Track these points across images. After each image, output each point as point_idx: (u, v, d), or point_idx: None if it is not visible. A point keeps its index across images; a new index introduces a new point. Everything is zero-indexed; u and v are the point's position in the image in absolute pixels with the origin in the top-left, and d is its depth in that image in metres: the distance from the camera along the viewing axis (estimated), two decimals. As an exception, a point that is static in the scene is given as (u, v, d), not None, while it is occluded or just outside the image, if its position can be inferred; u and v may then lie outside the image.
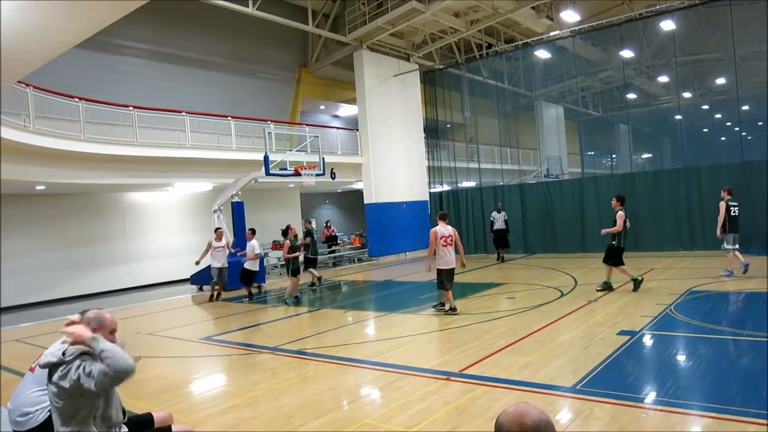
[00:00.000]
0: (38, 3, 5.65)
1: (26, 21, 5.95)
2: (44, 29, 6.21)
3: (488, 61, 24.73)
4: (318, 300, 13.87)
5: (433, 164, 23.66)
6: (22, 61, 7.29)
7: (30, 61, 7.50)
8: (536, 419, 1.67)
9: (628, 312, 8.91)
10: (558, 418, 4.90)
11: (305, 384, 6.47)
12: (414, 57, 23.38)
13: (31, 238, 16.32)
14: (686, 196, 16.99)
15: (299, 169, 15.62)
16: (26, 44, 6.55)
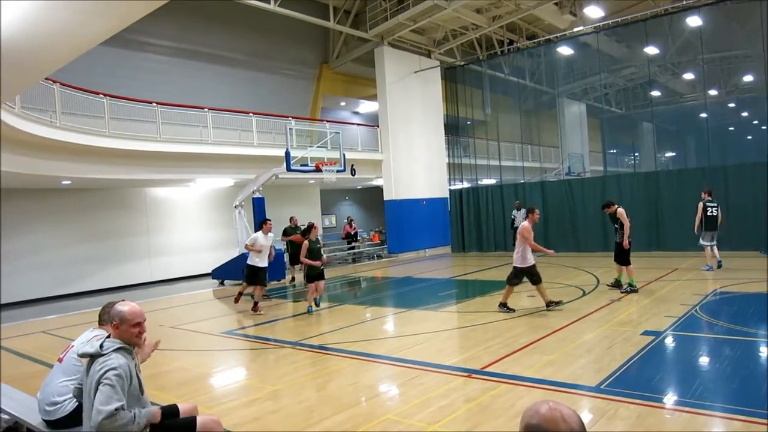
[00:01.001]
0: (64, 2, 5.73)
1: (51, 19, 6.03)
2: (69, 26, 6.29)
3: (510, 57, 24.53)
4: (338, 296, 13.91)
5: (453, 161, 23.57)
6: (48, 59, 7.39)
7: (56, 60, 7.59)
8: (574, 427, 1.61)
9: (652, 312, 8.79)
10: (582, 417, 4.85)
11: (326, 379, 6.50)
12: (435, 53, 23.28)
13: (57, 232, 16.60)
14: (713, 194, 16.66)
15: (320, 165, 15.66)
16: (53, 42, 6.64)
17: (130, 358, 3.40)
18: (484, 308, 10.11)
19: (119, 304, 3.53)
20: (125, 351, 3.37)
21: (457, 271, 16.86)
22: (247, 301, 12.05)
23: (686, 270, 13.33)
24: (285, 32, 21.51)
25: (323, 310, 11.49)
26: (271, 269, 16.03)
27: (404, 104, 21.76)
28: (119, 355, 3.30)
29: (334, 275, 17.46)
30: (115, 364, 3.22)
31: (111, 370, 3.19)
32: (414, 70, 22.19)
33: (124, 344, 3.38)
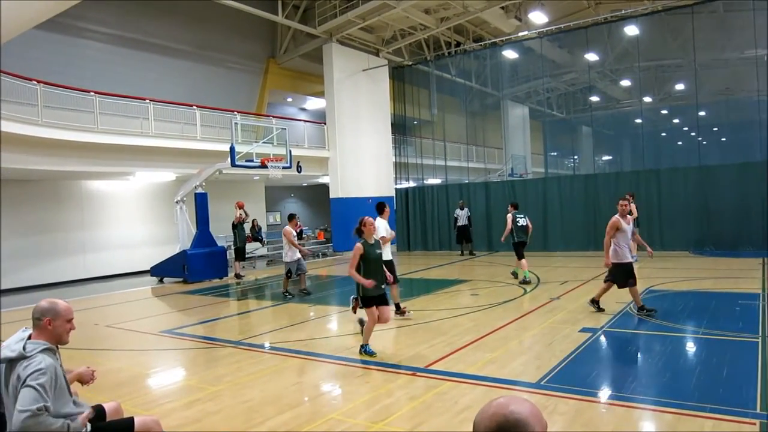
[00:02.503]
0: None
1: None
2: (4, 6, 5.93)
3: (457, 59, 24.88)
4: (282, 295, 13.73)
5: (399, 160, 23.69)
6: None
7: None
8: (514, 421, 1.51)
9: (589, 310, 9.09)
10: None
11: (269, 378, 6.39)
12: (383, 52, 23.33)
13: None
14: (645, 198, 17.41)
15: (265, 162, 15.43)
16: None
17: (56, 358, 3.24)
18: (429, 306, 10.21)
19: (46, 301, 3.36)
20: (50, 351, 3.20)
21: (402, 270, 16.91)
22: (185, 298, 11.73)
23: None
24: (232, 24, 21.05)
25: (266, 309, 11.32)
26: (213, 267, 15.74)
27: (352, 102, 21.71)
28: (45, 356, 3.13)
29: (278, 273, 17.23)
30: (42, 365, 3.06)
31: (37, 371, 3.02)
32: (362, 68, 22.16)
33: (49, 345, 3.22)
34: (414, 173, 23.62)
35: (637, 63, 25.27)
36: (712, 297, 10.11)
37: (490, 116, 29.67)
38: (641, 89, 29.41)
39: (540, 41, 22.28)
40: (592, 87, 31.28)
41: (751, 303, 9.11)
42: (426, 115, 25.29)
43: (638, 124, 30.67)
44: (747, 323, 7.79)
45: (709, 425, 4.52)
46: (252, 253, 19.95)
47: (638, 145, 28.47)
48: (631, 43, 22.47)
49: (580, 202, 18.52)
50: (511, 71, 28.04)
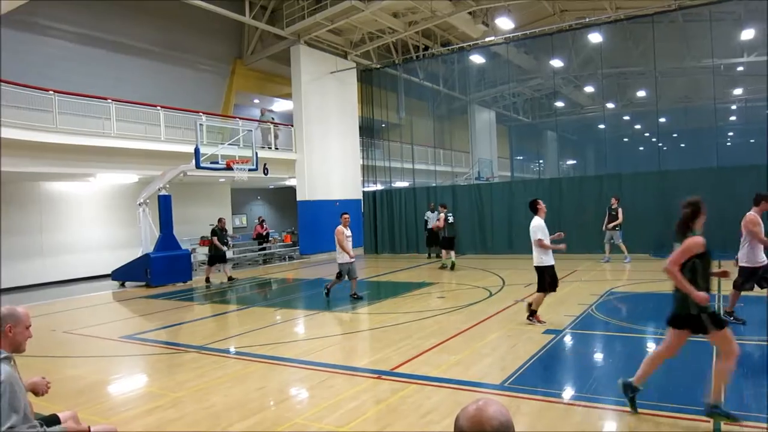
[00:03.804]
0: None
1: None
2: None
3: (425, 62, 25.04)
4: (247, 298, 13.58)
5: (367, 163, 23.68)
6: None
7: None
8: (496, 424, 1.58)
9: (553, 311, 9.22)
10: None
11: (233, 384, 6.29)
12: (351, 55, 23.31)
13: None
14: (608, 201, 17.74)
15: (231, 164, 15.24)
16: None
17: (13, 367, 3.13)
18: (395, 309, 10.21)
19: (5, 307, 3.25)
20: (8, 360, 3.10)
21: (369, 273, 16.93)
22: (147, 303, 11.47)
23: (585, 271, 14.12)
24: (198, 24, 20.74)
25: (231, 313, 11.18)
26: (177, 271, 15.47)
27: (320, 104, 21.62)
28: (5, 366, 3.03)
29: (243, 277, 17.04)
30: (2, 376, 2.95)
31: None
32: (330, 70, 22.11)
33: (7, 353, 3.11)
34: (382, 176, 23.65)
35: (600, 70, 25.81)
36: (670, 298, 10.35)
37: (458, 120, 29.97)
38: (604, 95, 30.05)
39: (506, 47, 22.58)
40: (556, 93, 31.86)
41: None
42: (394, 119, 25.38)
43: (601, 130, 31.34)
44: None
45: (667, 423, 4.63)
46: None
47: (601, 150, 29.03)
48: (595, 50, 22.95)
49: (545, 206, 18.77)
50: (478, 76, 28.38)
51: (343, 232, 11.35)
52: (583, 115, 36.13)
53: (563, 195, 18.53)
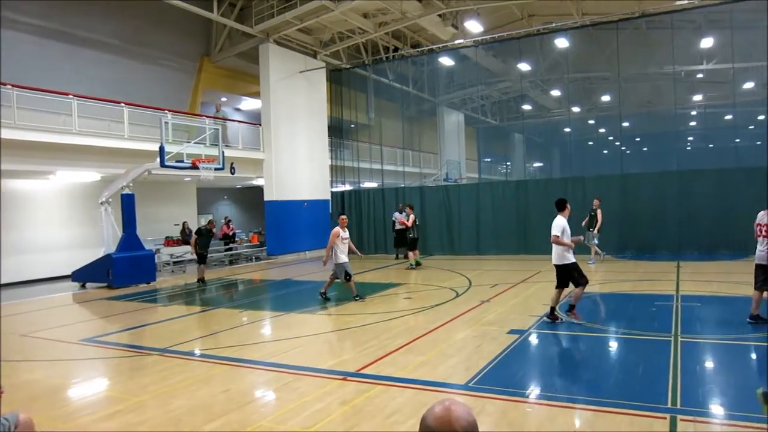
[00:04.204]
0: None
1: None
2: None
3: (394, 64, 25.10)
4: (213, 300, 13.40)
5: (336, 163, 23.62)
6: None
7: None
8: (464, 424, 1.59)
9: (517, 312, 9.36)
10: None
11: (197, 387, 6.20)
12: (321, 55, 23.21)
13: None
14: (573, 203, 17.99)
15: (197, 163, 15.02)
16: None
17: None
18: (362, 311, 10.21)
19: None
20: None
21: (337, 273, 16.89)
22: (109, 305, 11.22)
23: (549, 272, 14.32)
24: (165, 20, 20.36)
25: (196, 315, 11.02)
26: (140, 272, 15.18)
27: (288, 104, 21.46)
28: None
29: (210, 278, 16.81)
30: None
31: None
32: (299, 69, 21.97)
33: None
34: (350, 176, 23.62)
35: (566, 74, 26.32)
36: (632, 298, 10.64)
37: (427, 122, 30.16)
38: (570, 99, 30.64)
39: (475, 50, 22.82)
40: (524, 96, 32.37)
41: (666, 304, 9.63)
42: (363, 119, 25.36)
43: (567, 133, 31.98)
44: (662, 323, 8.24)
45: (625, 421, 4.74)
46: (182, 257, 19.35)
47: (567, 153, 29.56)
48: (561, 55, 23.35)
49: (511, 208, 19.03)
50: (448, 78, 28.61)
51: (338, 234, 11.23)
52: (549, 118, 36.71)
53: (529, 197, 18.79)
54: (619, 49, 20.13)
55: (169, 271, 18.54)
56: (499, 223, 19.24)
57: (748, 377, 5.93)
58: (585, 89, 33.30)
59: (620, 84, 24.60)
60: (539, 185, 19.46)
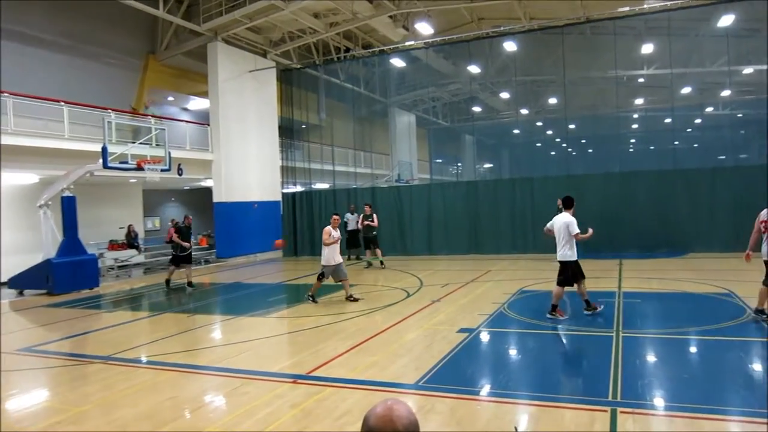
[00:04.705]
0: None
1: None
2: None
3: (346, 64, 25.06)
4: (159, 304, 13.07)
5: (287, 164, 23.37)
6: None
7: None
8: (406, 423, 1.62)
9: (467, 311, 9.50)
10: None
11: (142, 394, 6.03)
12: (271, 54, 22.95)
13: None
14: (521, 204, 18.49)
15: (142, 164, 14.59)
16: None
17: None
18: (313, 312, 10.16)
19: None
20: None
21: (288, 276, 16.77)
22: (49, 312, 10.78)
23: (498, 271, 14.62)
24: (108, 16, 19.70)
25: (142, 320, 10.72)
26: (82, 277, 14.63)
27: (238, 104, 21.12)
28: None
29: (157, 282, 16.38)
30: None
31: None
32: (249, 69, 21.65)
33: None
34: (301, 177, 23.42)
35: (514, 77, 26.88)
36: (577, 296, 10.93)
37: (378, 122, 30.23)
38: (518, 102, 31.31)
39: (426, 51, 23.04)
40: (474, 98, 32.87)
41: (609, 300, 9.96)
42: (314, 120, 25.21)
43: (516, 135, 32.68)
44: (605, 319, 8.52)
45: (568, 415, 4.89)
46: (127, 261, 18.77)
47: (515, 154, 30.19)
48: (510, 58, 23.82)
49: (462, 208, 19.29)
50: (399, 79, 28.77)
51: (330, 233, 11.02)
52: (499, 120, 37.39)
53: (479, 197, 19.10)
54: (565, 54, 20.70)
55: (114, 276, 17.95)
56: (450, 224, 19.47)
57: (685, 370, 6.20)
58: (533, 92, 34.05)
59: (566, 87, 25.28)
60: (489, 186, 19.81)
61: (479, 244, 18.86)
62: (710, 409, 4.87)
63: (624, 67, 25.83)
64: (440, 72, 27.71)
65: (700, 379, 5.84)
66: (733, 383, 5.60)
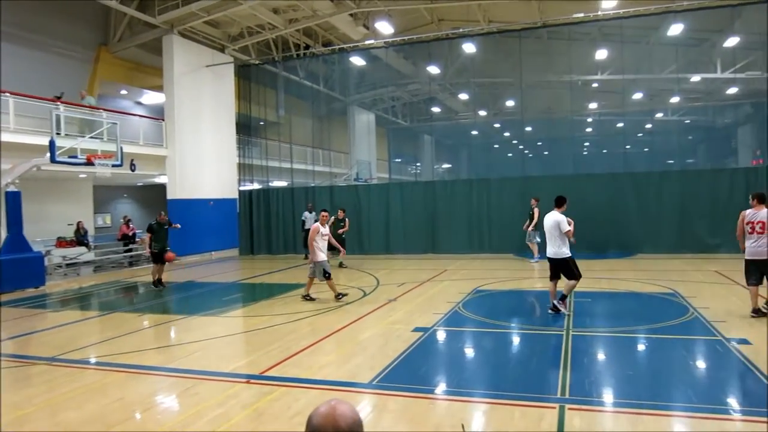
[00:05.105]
0: None
1: None
2: None
3: (305, 61, 24.88)
4: (109, 304, 12.71)
5: (244, 161, 23.04)
6: None
7: None
8: (350, 422, 1.65)
9: (423, 310, 9.57)
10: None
11: (88, 396, 5.86)
12: (229, 49, 22.59)
13: None
14: (477, 204, 18.74)
15: (92, 158, 14.15)
16: None
17: None
18: (269, 312, 10.06)
19: None
20: None
21: (244, 275, 16.55)
22: None
23: (454, 270, 14.79)
24: (56, 4, 19.01)
25: (91, 320, 10.41)
26: (27, 275, 14.11)
27: (194, 99, 20.69)
28: None
29: (107, 280, 15.95)
30: None
31: None
32: (206, 63, 21.25)
33: None
34: (259, 175, 23.13)
35: (473, 79, 27.21)
36: (530, 295, 11.19)
37: (337, 121, 30.11)
38: (477, 103, 31.72)
39: (386, 51, 23.07)
40: (433, 98, 33.10)
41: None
42: (272, 117, 24.93)
43: (474, 136, 33.10)
44: (556, 318, 8.71)
45: (518, 413, 4.99)
46: (76, 259, 18.17)
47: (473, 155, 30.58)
48: (469, 59, 24.11)
49: (420, 208, 19.42)
50: (359, 78, 28.73)
51: (318, 230, 10.74)
52: (457, 121, 37.80)
53: (437, 198, 19.26)
54: (522, 57, 21.08)
55: (62, 275, 17.34)
56: (408, 223, 19.57)
57: (630, 367, 6.40)
58: (491, 94, 34.53)
59: (523, 90, 25.76)
60: (446, 186, 19.99)
61: (436, 243, 19.03)
62: (654, 405, 5.05)
63: (579, 71, 26.47)
64: (400, 72, 27.81)
65: (644, 376, 6.04)
66: (676, 380, 5.81)
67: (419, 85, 30.60)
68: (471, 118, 34.46)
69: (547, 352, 6.99)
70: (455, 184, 20.27)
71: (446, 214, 19.06)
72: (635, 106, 33.05)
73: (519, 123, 27.61)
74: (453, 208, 19.00)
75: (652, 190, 17.15)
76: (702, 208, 16.49)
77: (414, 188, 20.47)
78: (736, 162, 34.83)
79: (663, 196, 16.88)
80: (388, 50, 23.15)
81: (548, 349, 7.12)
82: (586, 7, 18.59)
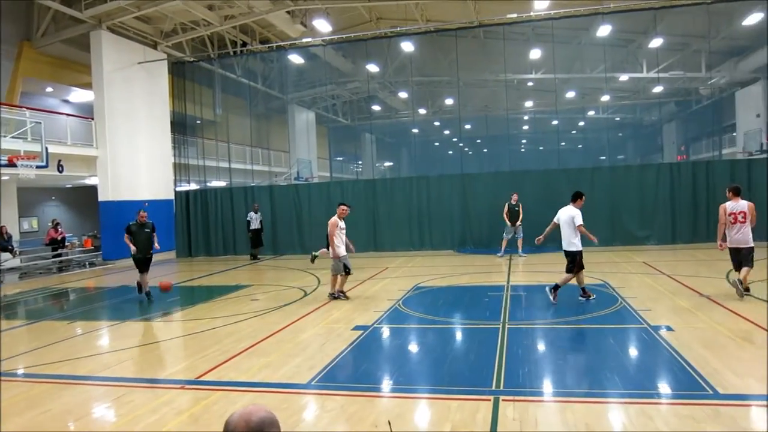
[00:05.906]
0: None
1: None
2: None
3: (242, 59, 24.47)
4: (37, 312, 12.12)
5: (180, 161, 22.40)
6: None
7: None
8: (261, 417, 1.73)
9: (363, 308, 9.61)
10: (291, 414, 5.03)
11: (12, 409, 5.56)
12: (162, 45, 21.90)
13: None
14: (417, 202, 18.95)
15: (14, 159, 13.45)
16: None
17: None
18: (207, 315, 9.85)
19: None
20: None
21: (181, 277, 16.11)
22: None
23: (395, 268, 14.91)
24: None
25: (16, 329, 9.89)
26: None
27: (126, 97, 19.96)
28: None
29: (34, 287, 15.20)
30: None
31: None
32: (138, 60, 20.54)
33: None
34: (196, 175, 22.54)
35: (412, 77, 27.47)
36: (468, 290, 11.42)
37: (276, 119, 29.80)
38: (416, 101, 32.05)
39: (324, 49, 22.96)
40: (373, 96, 33.27)
41: (498, 294, 10.48)
42: (209, 115, 24.40)
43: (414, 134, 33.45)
44: (493, 312, 8.95)
45: (454, 406, 5.08)
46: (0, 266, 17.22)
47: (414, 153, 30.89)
48: (407, 58, 24.32)
49: (361, 206, 19.40)
50: (297, 76, 28.51)
51: (337, 224, 10.40)
52: (398, 119, 38.08)
53: (377, 195, 19.32)
54: (459, 56, 21.43)
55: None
56: (348, 222, 19.47)
57: (562, 357, 6.64)
58: (430, 92, 35.04)
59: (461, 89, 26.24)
60: (387, 184, 20.09)
61: (378, 241, 19.12)
62: (584, 392, 5.27)
63: (514, 71, 27.20)
64: (339, 70, 27.76)
65: (575, 365, 6.29)
66: (605, 367, 6.06)
67: (359, 84, 30.65)
68: (411, 116, 34.85)
69: (483, 345, 7.15)
70: (396, 182, 20.41)
71: (387, 212, 19.17)
72: (568, 105, 34.32)
73: (457, 121, 28.06)
74: (394, 205, 19.13)
75: (584, 185, 17.78)
76: (631, 202, 17.26)
77: (355, 186, 20.47)
78: (662, 157, 36.73)
79: (595, 191, 17.50)
80: (326, 48, 23.05)
81: (485, 342, 7.28)
82: (520, 8, 19.09)
